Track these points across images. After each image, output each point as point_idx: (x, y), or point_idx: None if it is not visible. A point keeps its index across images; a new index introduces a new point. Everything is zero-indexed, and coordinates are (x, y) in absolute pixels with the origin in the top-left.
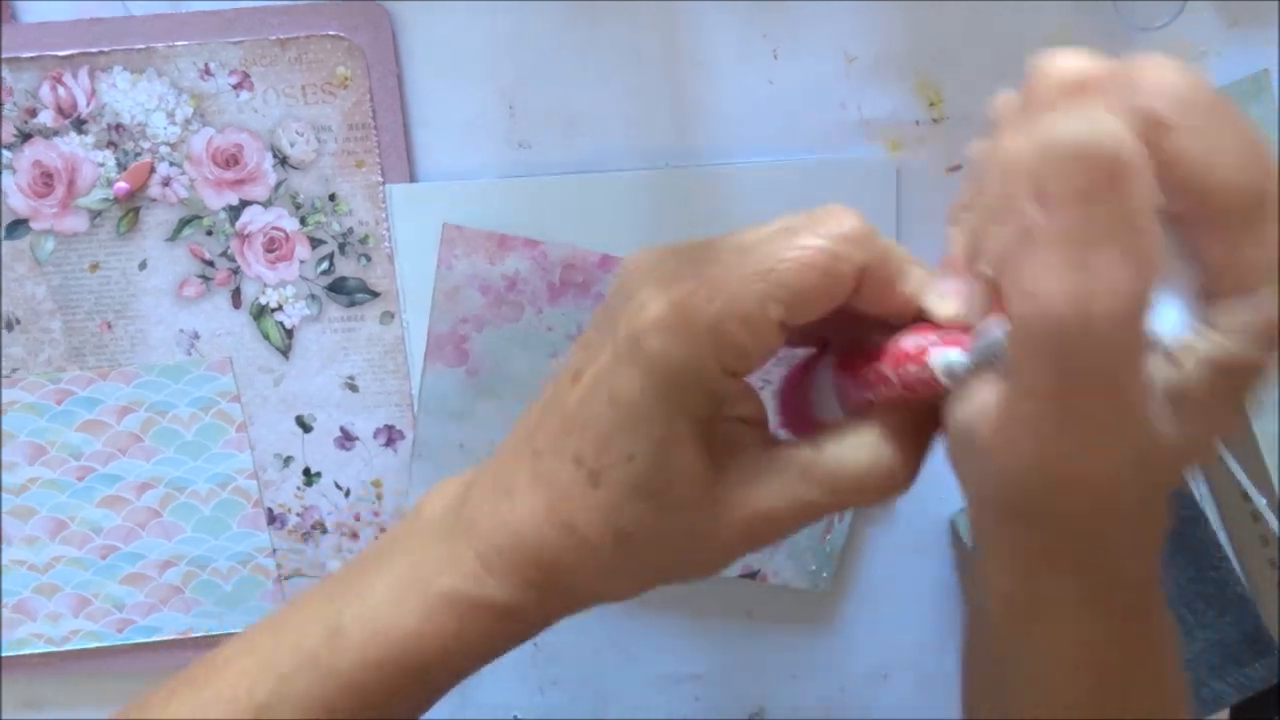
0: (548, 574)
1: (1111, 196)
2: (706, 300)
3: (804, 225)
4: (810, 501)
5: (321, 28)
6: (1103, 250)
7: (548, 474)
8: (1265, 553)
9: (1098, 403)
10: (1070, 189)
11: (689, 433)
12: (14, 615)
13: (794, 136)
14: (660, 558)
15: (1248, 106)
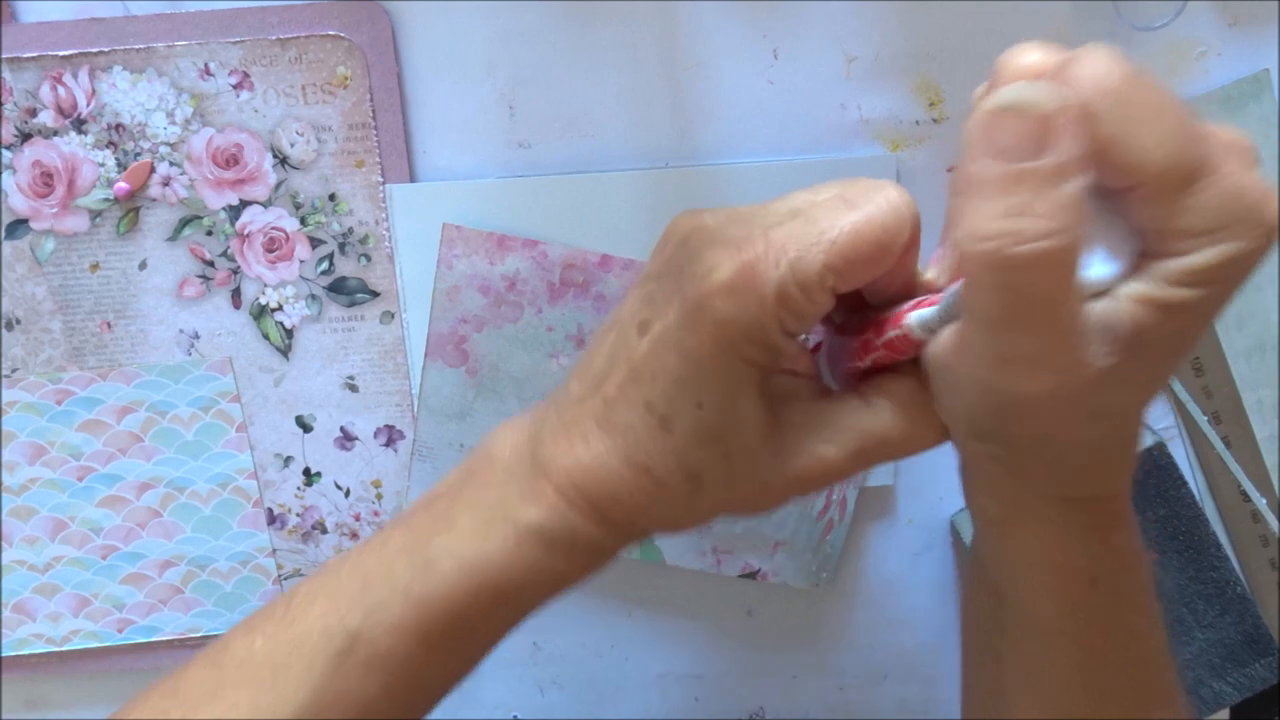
0: (624, 510)
1: (1040, 150)
2: (773, 266)
3: (859, 196)
4: (862, 450)
5: (321, 27)
6: (1031, 196)
7: (621, 420)
8: (1265, 553)
9: (1031, 332)
10: (1006, 142)
11: (752, 385)
12: (14, 615)
13: (794, 136)
14: (724, 496)
15: (1248, 106)
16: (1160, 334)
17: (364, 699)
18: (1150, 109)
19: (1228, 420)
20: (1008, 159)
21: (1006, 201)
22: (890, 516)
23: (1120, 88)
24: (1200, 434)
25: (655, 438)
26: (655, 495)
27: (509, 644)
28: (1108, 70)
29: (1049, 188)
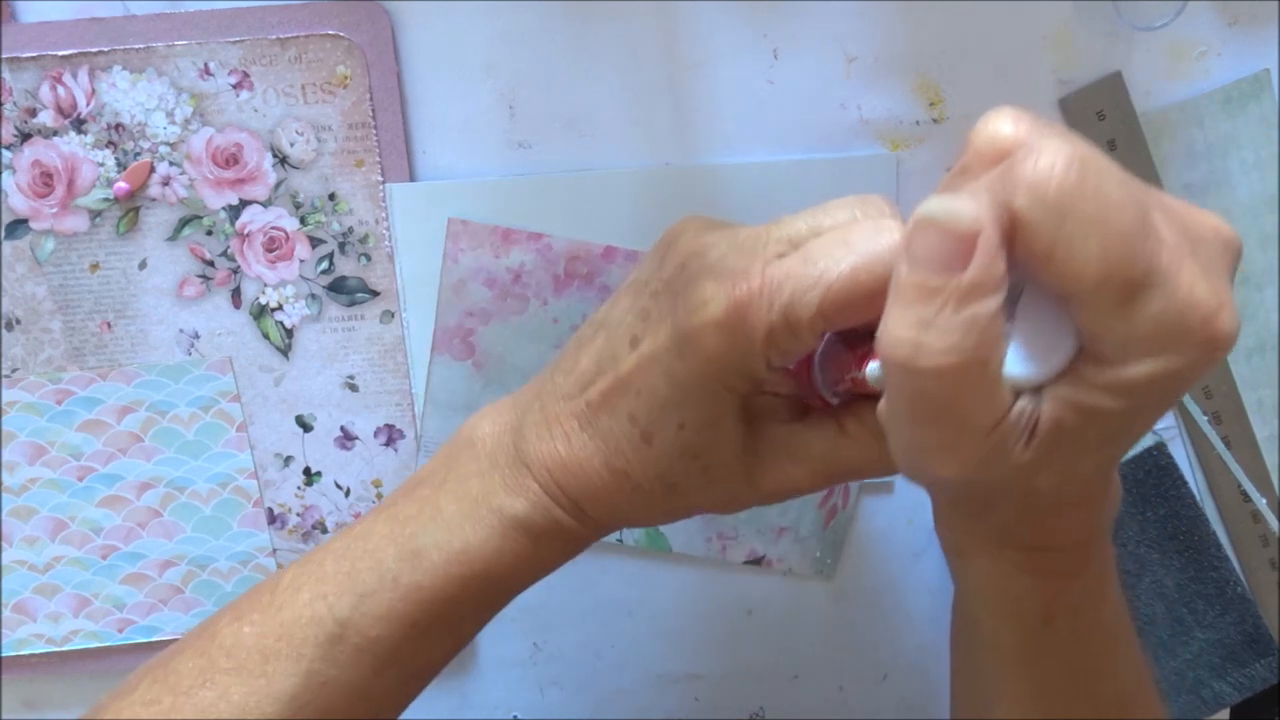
0: (602, 507)
1: (953, 266)
2: (765, 310)
3: (861, 237)
4: (829, 474)
5: (321, 27)
6: (938, 312)
7: (603, 427)
8: (1265, 553)
9: (937, 429)
10: (923, 253)
11: (733, 409)
12: (14, 615)
13: (794, 136)
14: (698, 500)
15: (1248, 106)
16: (1085, 436)
17: (354, 684)
18: (1090, 220)
19: (1228, 420)
20: (923, 270)
21: (917, 311)
22: (891, 517)
23: (1059, 197)
24: (1200, 434)
25: (636, 448)
26: (632, 497)
27: (509, 644)
28: (1049, 176)
29: (956, 306)
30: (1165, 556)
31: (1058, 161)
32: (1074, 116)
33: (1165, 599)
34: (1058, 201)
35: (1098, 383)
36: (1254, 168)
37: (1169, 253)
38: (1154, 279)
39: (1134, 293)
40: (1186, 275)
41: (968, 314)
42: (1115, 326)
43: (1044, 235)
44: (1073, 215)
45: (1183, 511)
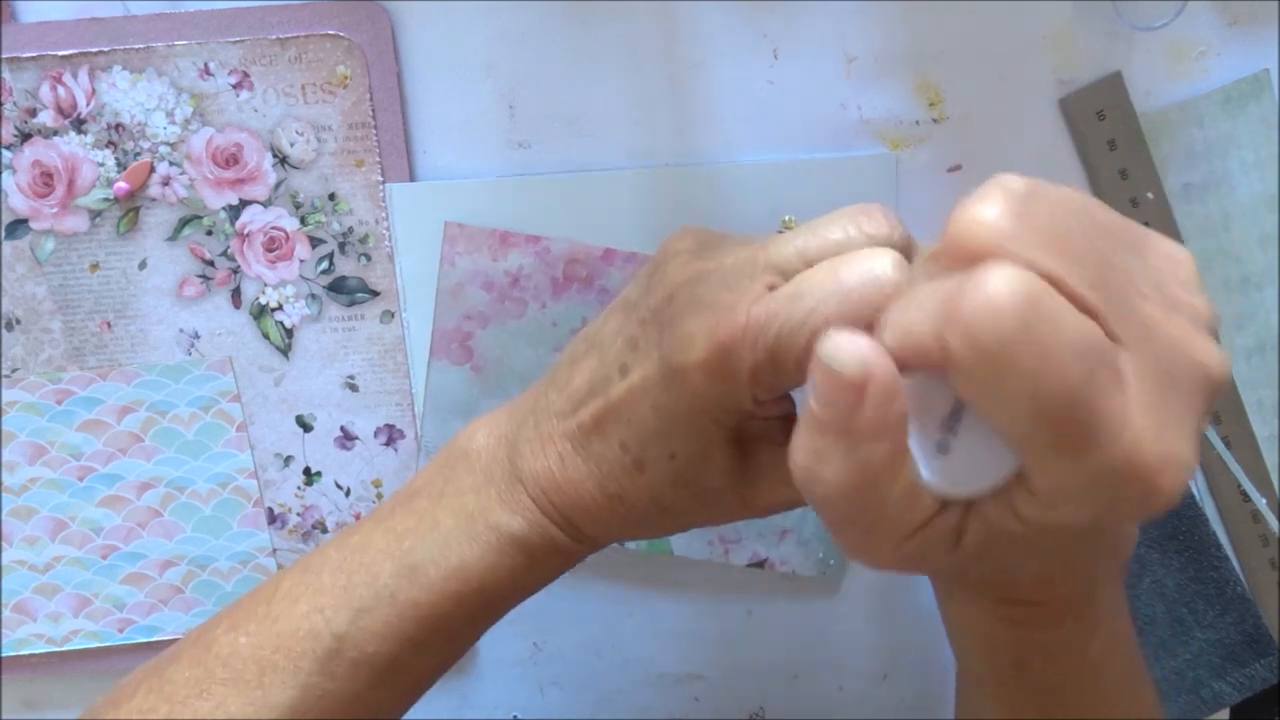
0: (596, 525)
1: (847, 408)
2: (750, 349)
3: (852, 271)
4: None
5: (321, 27)
6: (830, 448)
7: (596, 451)
8: (1265, 553)
9: (847, 535)
10: (820, 390)
11: (721, 440)
12: (14, 615)
13: (794, 136)
14: (694, 519)
15: (1248, 106)
16: (1017, 550)
17: (351, 696)
18: (1027, 373)
19: (1228, 420)
20: (820, 403)
21: (813, 440)
22: None
23: (996, 347)
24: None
25: (629, 474)
26: (626, 518)
27: (509, 644)
28: (990, 322)
29: (847, 447)
30: (1165, 556)
31: (1005, 304)
32: (1074, 116)
33: (1165, 599)
34: (994, 352)
35: (1023, 513)
36: (1254, 168)
37: (1121, 401)
38: (1093, 432)
39: (1068, 446)
40: (1134, 428)
41: (859, 455)
42: (1045, 472)
43: (974, 382)
44: (1008, 367)
45: (1183, 511)
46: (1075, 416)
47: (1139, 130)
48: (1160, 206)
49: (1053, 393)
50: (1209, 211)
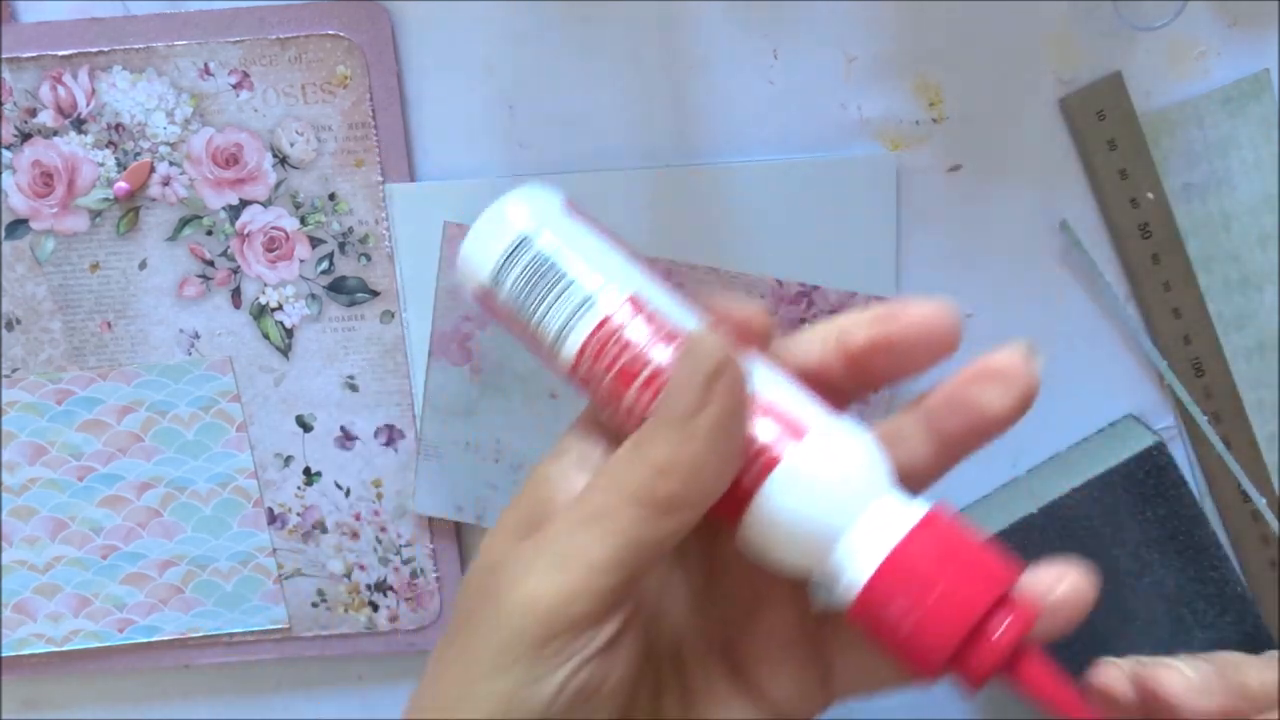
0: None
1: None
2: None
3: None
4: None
5: (321, 27)
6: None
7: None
8: (1265, 553)
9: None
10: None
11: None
12: (14, 615)
13: (794, 136)
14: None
15: (1248, 106)
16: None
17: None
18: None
19: (1228, 420)
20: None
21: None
22: None
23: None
24: (1200, 434)
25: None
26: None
27: None
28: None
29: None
30: (1165, 556)
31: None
32: (1074, 116)
33: (1165, 599)
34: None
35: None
36: (1254, 168)
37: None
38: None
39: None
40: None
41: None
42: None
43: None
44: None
45: (1183, 511)
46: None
47: (1139, 130)
48: (1160, 206)
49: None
50: (1209, 211)
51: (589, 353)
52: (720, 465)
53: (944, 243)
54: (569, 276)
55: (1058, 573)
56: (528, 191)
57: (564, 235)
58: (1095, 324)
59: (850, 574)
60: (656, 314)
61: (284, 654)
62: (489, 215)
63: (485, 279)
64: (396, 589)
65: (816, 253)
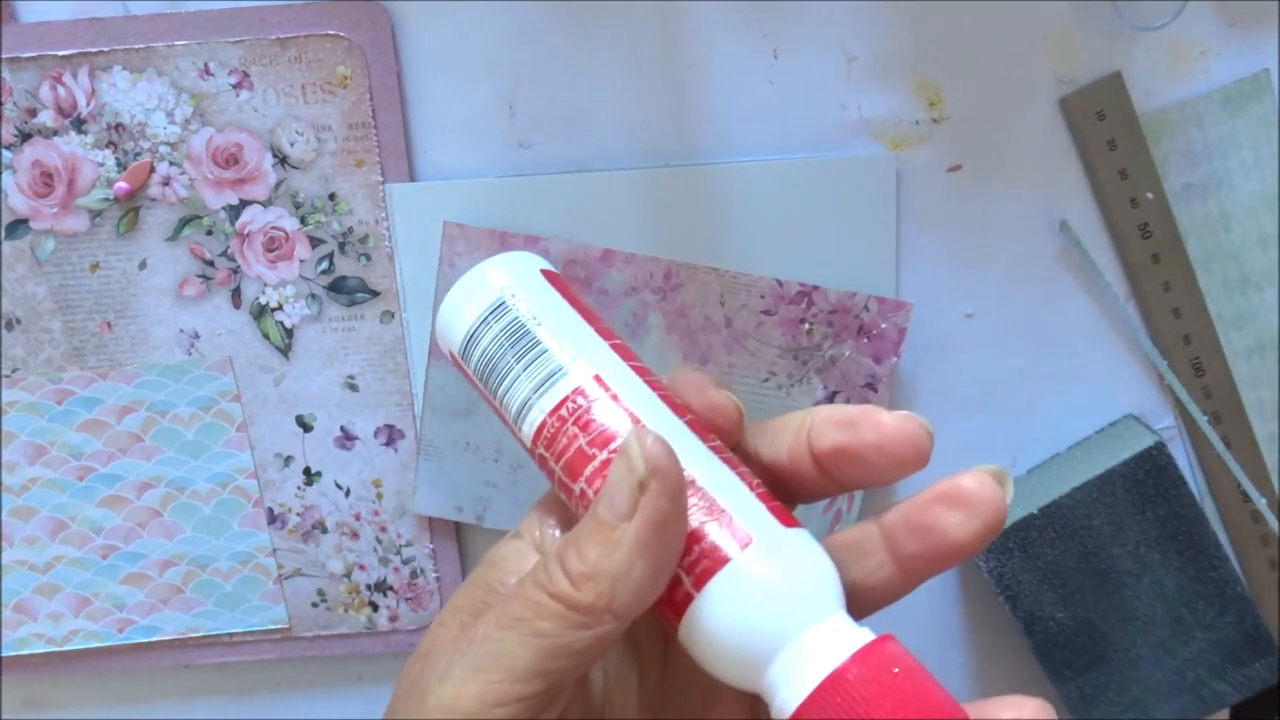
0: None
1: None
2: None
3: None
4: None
5: (321, 27)
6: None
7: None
8: (1265, 553)
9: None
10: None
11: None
12: (14, 615)
13: (794, 136)
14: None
15: (1248, 106)
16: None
17: None
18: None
19: (1228, 420)
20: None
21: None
22: None
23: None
24: (1200, 434)
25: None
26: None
27: None
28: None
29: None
30: (1165, 556)
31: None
32: (1074, 116)
33: (1165, 599)
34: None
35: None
36: (1254, 168)
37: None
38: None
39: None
40: None
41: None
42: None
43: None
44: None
45: (1182, 511)
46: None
47: (1139, 130)
48: (1160, 206)
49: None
50: (1209, 211)
51: (546, 433)
52: (646, 577)
53: (944, 243)
54: (537, 349)
55: (1014, 706)
56: (508, 257)
57: (538, 306)
58: (1095, 324)
59: (784, 694)
60: (618, 399)
61: (284, 654)
62: (469, 278)
63: (459, 342)
64: (396, 589)
65: (816, 253)
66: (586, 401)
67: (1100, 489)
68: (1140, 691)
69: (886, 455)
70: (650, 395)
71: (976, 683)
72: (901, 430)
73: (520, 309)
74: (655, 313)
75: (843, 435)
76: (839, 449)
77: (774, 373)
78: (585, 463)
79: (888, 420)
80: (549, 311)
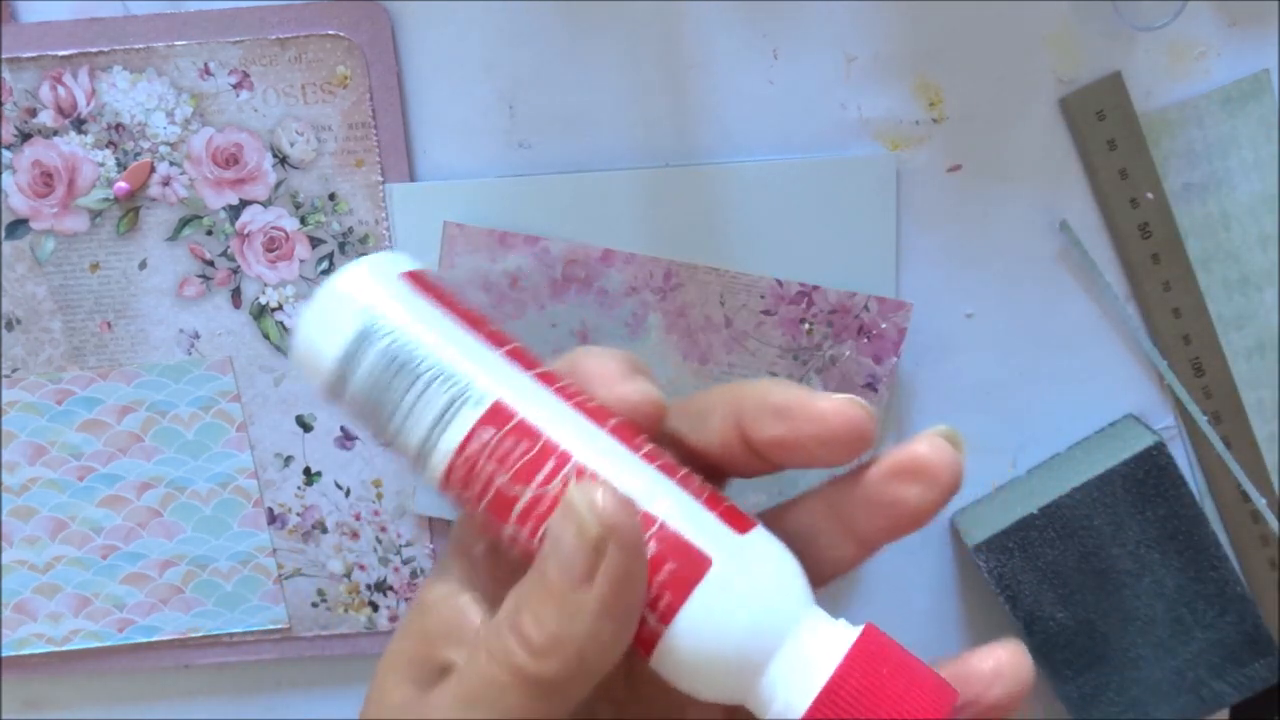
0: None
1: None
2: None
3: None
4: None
5: (321, 27)
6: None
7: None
8: (1265, 553)
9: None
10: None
11: None
12: (14, 615)
13: (794, 136)
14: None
15: (1248, 106)
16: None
17: None
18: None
19: (1228, 420)
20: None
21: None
22: None
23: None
24: (1200, 434)
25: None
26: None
27: None
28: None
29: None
30: (1165, 556)
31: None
32: (1074, 116)
33: (1165, 599)
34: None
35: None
36: (1254, 168)
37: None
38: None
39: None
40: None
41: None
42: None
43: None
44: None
45: (1182, 511)
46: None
47: (1139, 130)
48: (1160, 206)
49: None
50: (1209, 211)
51: (456, 476)
52: (613, 637)
53: (944, 243)
54: (424, 379)
55: (990, 656)
56: (366, 265)
57: (414, 320)
58: (1095, 324)
59: (782, 704)
60: (531, 422)
61: (284, 654)
62: (322, 301)
63: (328, 375)
64: (396, 589)
65: (816, 253)
66: (496, 433)
67: (1100, 489)
68: (1140, 691)
69: (829, 446)
70: (564, 409)
71: None
72: (844, 418)
73: (393, 331)
74: (655, 313)
75: (780, 428)
76: (777, 441)
77: (774, 373)
78: (510, 504)
79: (827, 408)
80: (427, 328)
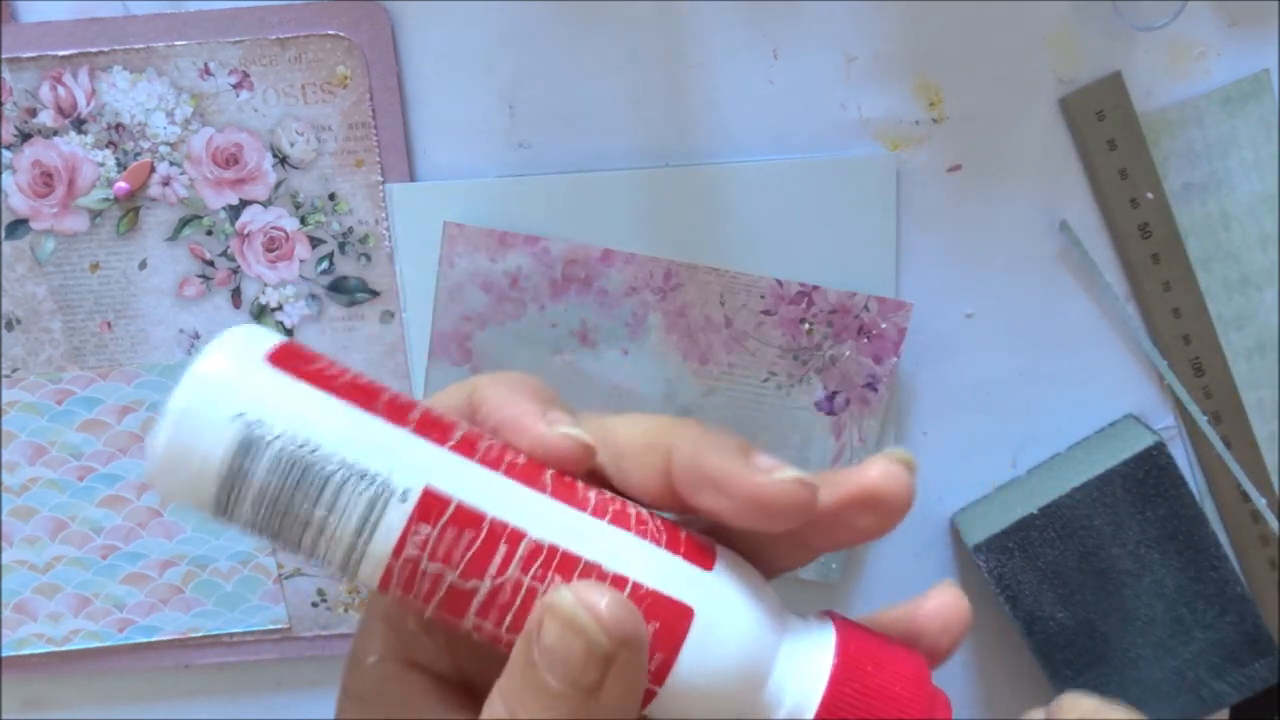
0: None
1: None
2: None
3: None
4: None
5: (321, 27)
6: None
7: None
8: (1265, 553)
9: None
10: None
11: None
12: (14, 615)
13: (794, 136)
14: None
15: (1248, 106)
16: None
17: None
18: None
19: (1228, 420)
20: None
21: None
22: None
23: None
24: (1200, 434)
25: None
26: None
27: None
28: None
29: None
30: (1165, 556)
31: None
32: (1074, 116)
33: (1165, 599)
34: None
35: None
36: (1254, 168)
37: None
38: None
39: None
40: None
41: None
42: None
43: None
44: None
45: (1182, 511)
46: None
47: (1139, 130)
48: (1160, 206)
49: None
50: (1209, 211)
51: (397, 580)
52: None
53: (944, 243)
54: (333, 484)
55: (933, 596)
56: (223, 354)
57: (298, 418)
58: (1095, 324)
59: (789, 706)
60: (469, 507)
61: (284, 654)
62: (186, 398)
63: (210, 497)
64: None
65: (816, 253)
66: (432, 528)
67: (1100, 489)
68: (1140, 691)
69: (773, 523)
70: (497, 480)
71: (977, 682)
72: (785, 502)
73: (281, 433)
74: (655, 313)
75: (718, 502)
76: (714, 513)
77: (774, 373)
78: (467, 598)
79: (768, 491)
80: (317, 419)
